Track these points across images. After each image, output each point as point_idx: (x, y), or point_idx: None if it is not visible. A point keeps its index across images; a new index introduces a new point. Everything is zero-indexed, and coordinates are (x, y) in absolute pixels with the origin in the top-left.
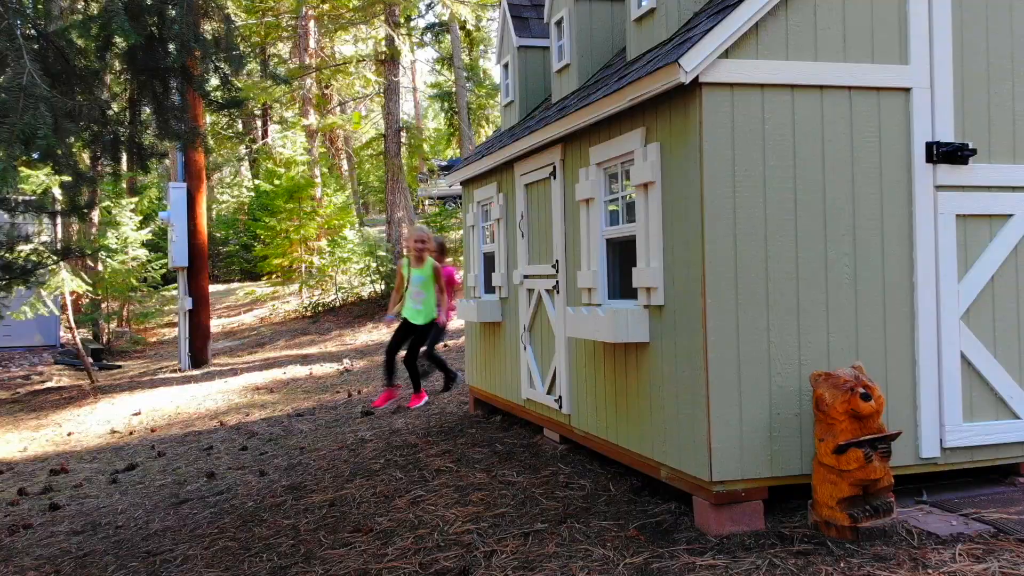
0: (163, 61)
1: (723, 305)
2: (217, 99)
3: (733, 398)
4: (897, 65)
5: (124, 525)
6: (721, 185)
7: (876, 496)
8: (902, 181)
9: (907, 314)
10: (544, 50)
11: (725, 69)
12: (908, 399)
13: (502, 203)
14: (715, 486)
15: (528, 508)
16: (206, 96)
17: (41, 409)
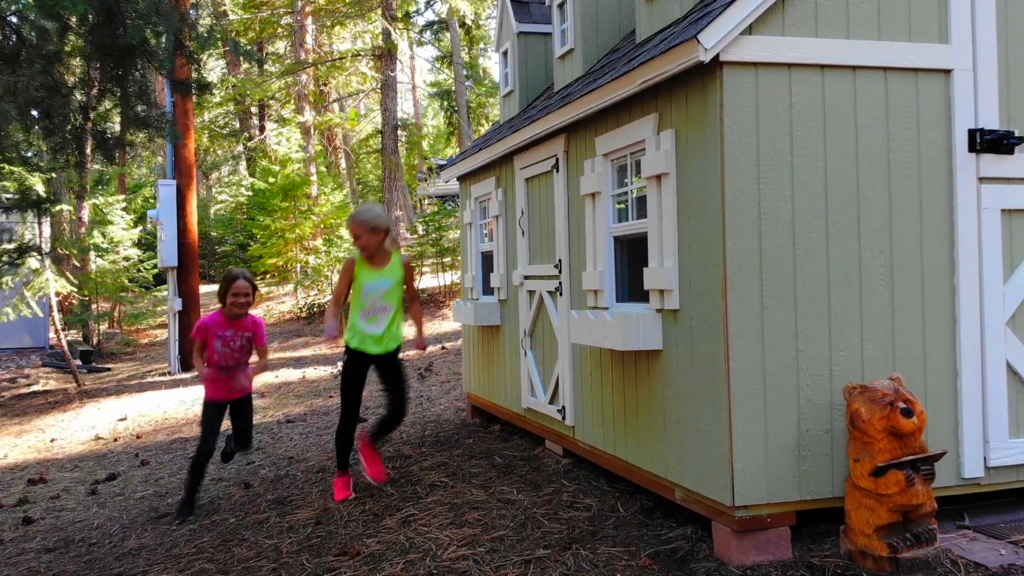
0: (122, 38)
1: (746, 309)
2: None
3: (757, 413)
4: (937, 44)
5: (98, 542)
6: (744, 176)
7: (917, 523)
8: (942, 172)
9: (947, 319)
10: (546, 36)
11: (748, 46)
12: (949, 413)
13: (501, 199)
14: (737, 511)
15: (529, 531)
16: (170, 77)
17: (25, 414)
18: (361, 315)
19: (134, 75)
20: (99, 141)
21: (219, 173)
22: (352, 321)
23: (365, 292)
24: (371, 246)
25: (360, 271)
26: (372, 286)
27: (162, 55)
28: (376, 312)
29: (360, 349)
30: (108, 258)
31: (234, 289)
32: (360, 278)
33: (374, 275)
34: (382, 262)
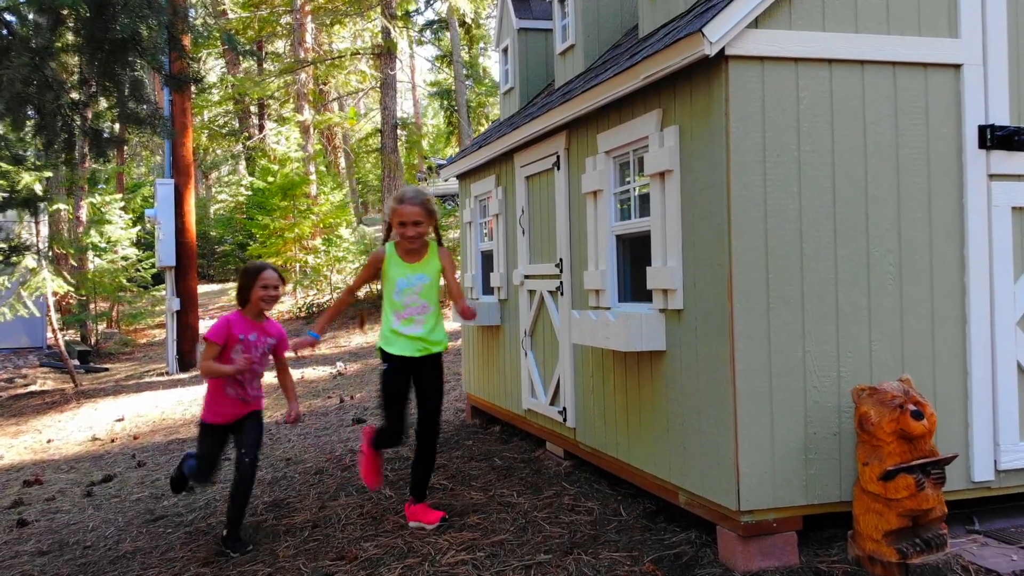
0: (113, 32)
1: (752, 309)
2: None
3: (763, 415)
4: (946, 38)
5: (93, 545)
6: (750, 172)
7: (927, 528)
8: (952, 169)
9: (957, 319)
10: (546, 32)
11: (754, 40)
12: (959, 415)
13: (501, 197)
14: (743, 516)
15: (530, 535)
16: (161, 71)
17: (22, 414)
18: (396, 317)
19: (126, 70)
20: (92, 138)
21: (219, 173)
22: (386, 324)
23: (399, 290)
24: (424, 234)
25: (391, 266)
26: (408, 283)
27: (153, 49)
28: (414, 312)
29: (400, 354)
30: (106, 258)
31: (263, 280)
32: (392, 274)
33: (409, 270)
34: (419, 255)
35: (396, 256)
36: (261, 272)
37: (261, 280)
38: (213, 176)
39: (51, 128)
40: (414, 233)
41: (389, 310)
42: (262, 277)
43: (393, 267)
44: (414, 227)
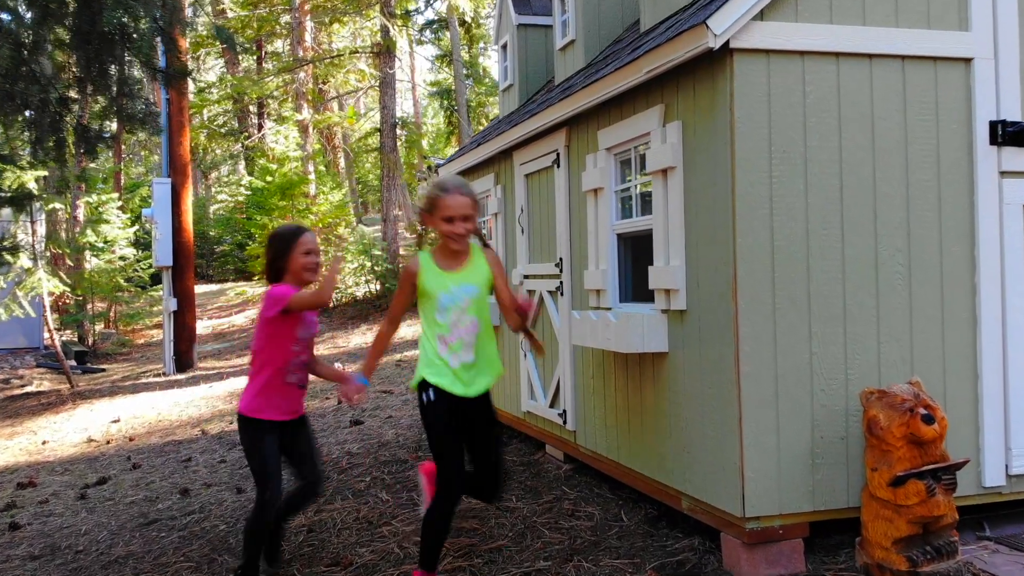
0: (100, 24)
1: (758, 310)
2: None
3: (769, 419)
4: (956, 32)
5: (85, 549)
6: (755, 169)
7: (938, 535)
8: (962, 166)
9: (968, 320)
10: (546, 28)
11: (759, 33)
12: (969, 419)
13: (500, 196)
14: (748, 522)
15: (529, 541)
16: (149, 65)
17: (17, 415)
18: (440, 343)
19: (116, 64)
20: (80, 135)
21: (218, 173)
22: (426, 352)
23: (443, 306)
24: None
25: (429, 279)
26: (451, 298)
27: (142, 43)
28: (463, 333)
29: (449, 390)
30: (103, 257)
31: (304, 245)
32: (431, 288)
33: (451, 281)
34: (460, 260)
35: (433, 265)
36: (299, 236)
37: (301, 245)
38: (212, 176)
39: (39, 124)
40: (465, 230)
41: (431, 334)
42: (301, 241)
43: (431, 279)
44: (464, 223)
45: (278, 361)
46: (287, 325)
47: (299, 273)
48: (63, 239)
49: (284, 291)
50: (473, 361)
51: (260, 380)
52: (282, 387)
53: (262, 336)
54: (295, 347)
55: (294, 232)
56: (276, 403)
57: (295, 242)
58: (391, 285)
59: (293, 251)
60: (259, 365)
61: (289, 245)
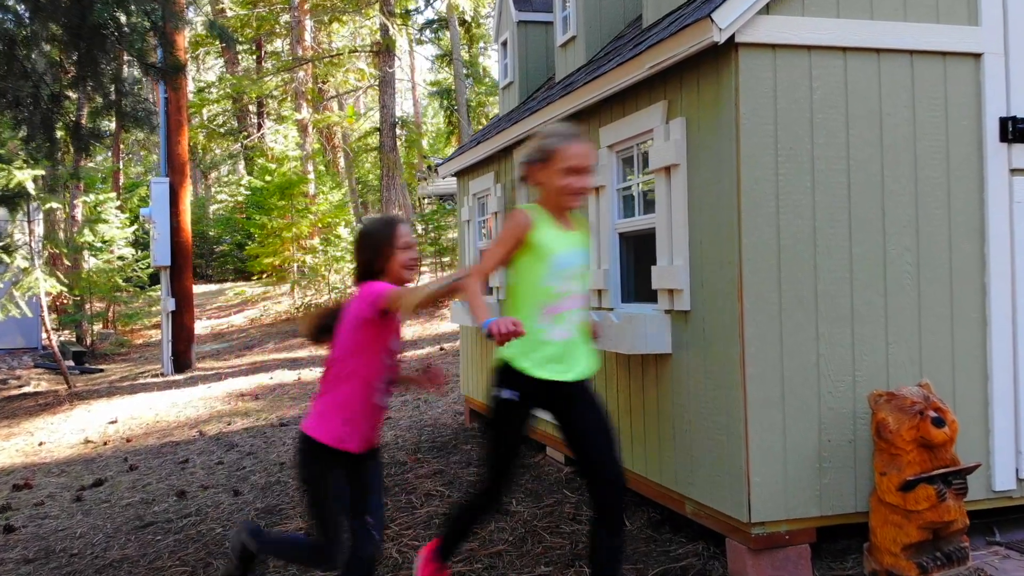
0: (91, 18)
1: (763, 310)
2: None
3: (775, 422)
4: (966, 26)
5: (80, 552)
6: (761, 166)
7: (948, 540)
8: (972, 163)
9: (978, 320)
10: (547, 25)
11: (765, 27)
12: (979, 421)
13: (500, 194)
14: (754, 528)
15: (530, 546)
16: (140, 58)
17: (14, 416)
18: (544, 312)
19: (106, 58)
20: (72, 132)
21: (218, 172)
22: (526, 324)
23: (554, 270)
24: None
25: (545, 234)
26: (567, 260)
27: (134, 37)
28: (572, 304)
29: (545, 377)
30: (102, 257)
31: (403, 238)
32: (548, 245)
33: (567, 242)
34: (569, 223)
35: (549, 221)
36: (396, 227)
37: (400, 238)
38: (212, 176)
39: (30, 121)
40: (578, 189)
41: (530, 301)
42: (400, 235)
43: (548, 236)
44: (586, 177)
45: (368, 374)
46: (383, 331)
47: (399, 272)
48: (60, 239)
49: (385, 288)
50: (575, 339)
51: (342, 395)
52: (369, 408)
53: (351, 342)
54: (387, 359)
55: (390, 225)
56: (361, 429)
57: (394, 236)
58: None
59: (393, 247)
60: (341, 376)
61: (388, 241)
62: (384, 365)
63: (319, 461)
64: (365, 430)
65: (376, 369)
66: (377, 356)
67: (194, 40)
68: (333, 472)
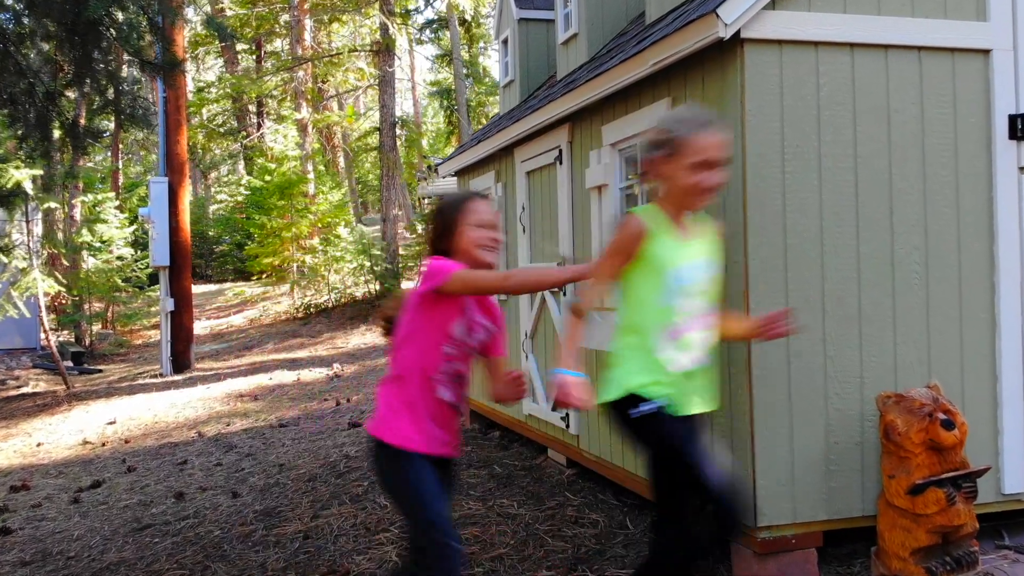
0: (85, 12)
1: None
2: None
3: (782, 425)
4: (974, 22)
5: (77, 555)
6: (767, 164)
7: (957, 545)
8: (980, 161)
9: (987, 320)
10: (548, 23)
11: (771, 22)
12: (988, 423)
13: (500, 194)
14: (760, 532)
15: (531, 549)
16: (136, 54)
17: (12, 417)
18: (667, 333)
19: (100, 53)
20: (68, 130)
21: (218, 172)
22: (644, 347)
23: (673, 287)
24: None
25: (662, 243)
26: (688, 274)
27: (129, 32)
28: (698, 325)
29: (674, 407)
30: (101, 257)
31: (475, 213)
32: (665, 257)
33: (688, 252)
34: (689, 226)
35: (667, 227)
36: (467, 202)
37: (471, 214)
38: (212, 176)
39: (25, 119)
40: (719, 182)
41: (651, 320)
42: (471, 209)
43: (665, 244)
44: (720, 172)
45: (424, 364)
46: (441, 313)
47: (470, 251)
48: (59, 239)
49: (445, 265)
50: (704, 365)
51: (398, 389)
52: (432, 403)
53: (408, 324)
54: (447, 347)
55: (463, 199)
56: (427, 428)
57: (463, 210)
58: (390, 285)
59: (460, 222)
60: (397, 367)
61: (457, 217)
62: (443, 355)
63: (394, 466)
64: (432, 430)
65: (433, 358)
66: (434, 343)
67: (193, 40)
68: (415, 470)
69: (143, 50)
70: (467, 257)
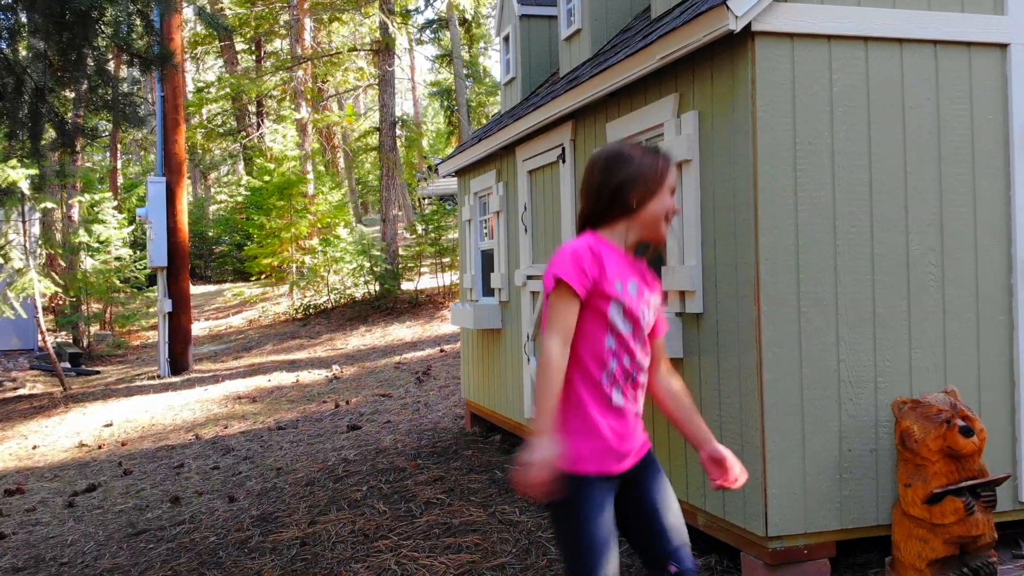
0: (71, 3)
1: (781, 313)
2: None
3: (794, 431)
4: (991, 15)
5: (70, 561)
6: (779, 162)
7: (975, 555)
8: (998, 159)
9: (1004, 324)
10: (550, 20)
11: (783, 15)
12: (1005, 429)
13: (502, 193)
14: (771, 542)
15: (533, 558)
16: (125, 47)
17: (9, 419)
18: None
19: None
20: (57, 127)
21: (218, 173)
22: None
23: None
24: None
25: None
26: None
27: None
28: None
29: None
30: (99, 258)
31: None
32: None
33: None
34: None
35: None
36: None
37: (669, 175)
38: (212, 176)
39: (13, 115)
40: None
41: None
42: (668, 170)
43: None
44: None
45: (585, 362)
46: (595, 305)
47: (655, 227)
48: (56, 239)
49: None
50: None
51: (564, 398)
52: (606, 411)
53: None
54: (611, 343)
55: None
56: (600, 442)
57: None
58: (390, 286)
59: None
60: None
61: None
62: (607, 352)
63: (562, 491)
64: (612, 442)
65: (595, 359)
66: (593, 339)
67: (193, 40)
68: (588, 502)
69: (133, 43)
70: (647, 233)
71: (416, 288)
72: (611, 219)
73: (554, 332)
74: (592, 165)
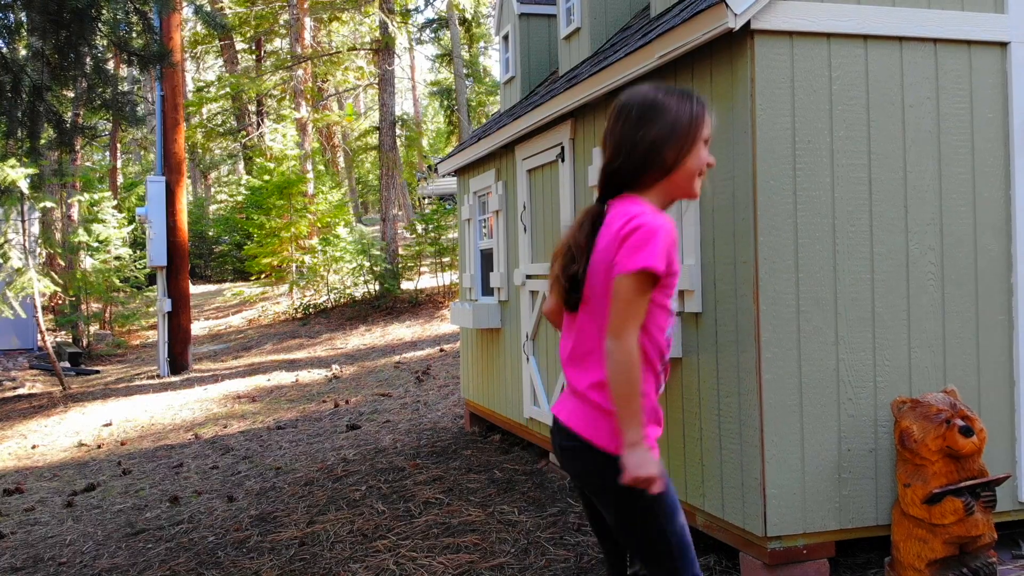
0: (69, 2)
1: (780, 312)
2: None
3: (793, 430)
4: (991, 14)
5: (68, 561)
6: (778, 161)
7: (975, 555)
8: (998, 158)
9: (1004, 323)
10: (550, 19)
11: (783, 13)
12: (1005, 429)
13: (501, 192)
14: (770, 542)
15: (533, 558)
16: (123, 47)
17: (8, 418)
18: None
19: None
20: (54, 125)
21: (218, 172)
22: None
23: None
24: None
25: None
26: None
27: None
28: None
29: None
30: (98, 257)
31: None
32: None
33: None
34: None
35: None
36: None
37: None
38: (212, 176)
39: (10, 114)
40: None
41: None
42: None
43: None
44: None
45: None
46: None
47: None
48: (55, 239)
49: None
50: None
51: None
52: (657, 401)
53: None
54: (670, 331)
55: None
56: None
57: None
58: (390, 285)
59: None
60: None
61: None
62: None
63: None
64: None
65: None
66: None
67: (193, 39)
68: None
69: (132, 41)
70: (680, 192)
71: (416, 288)
72: (646, 180)
73: (633, 327)
74: (621, 113)
